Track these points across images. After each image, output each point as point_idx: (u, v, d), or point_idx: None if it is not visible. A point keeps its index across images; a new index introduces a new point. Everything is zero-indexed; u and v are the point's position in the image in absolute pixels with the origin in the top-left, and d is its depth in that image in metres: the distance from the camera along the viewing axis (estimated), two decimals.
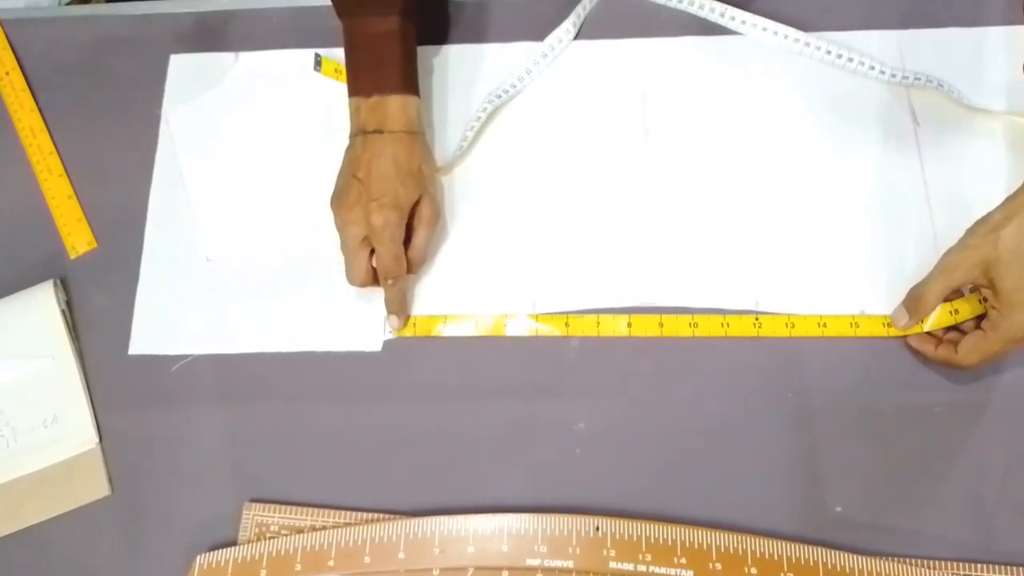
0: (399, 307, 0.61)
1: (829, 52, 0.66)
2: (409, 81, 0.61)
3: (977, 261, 0.54)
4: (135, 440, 0.60)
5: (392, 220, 0.58)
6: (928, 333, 0.58)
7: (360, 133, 0.60)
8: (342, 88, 0.67)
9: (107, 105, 0.70)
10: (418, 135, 0.61)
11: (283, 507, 0.57)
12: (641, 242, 0.63)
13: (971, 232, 0.55)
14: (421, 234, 0.60)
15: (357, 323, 0.62)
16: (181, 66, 0.70)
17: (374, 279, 0.60)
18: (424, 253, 0.61)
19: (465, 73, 0.68)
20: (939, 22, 0.67)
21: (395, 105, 0.60)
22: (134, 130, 0.69)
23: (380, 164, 0.59)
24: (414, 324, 0.62)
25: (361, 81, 0.61)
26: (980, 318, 0.56)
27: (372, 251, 0.60)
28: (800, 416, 0.58)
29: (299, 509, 0.57)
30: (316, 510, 0.57)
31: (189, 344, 0.62)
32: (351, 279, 0.60)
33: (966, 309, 0.57)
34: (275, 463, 0.59)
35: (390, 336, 0.62)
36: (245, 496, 0.58)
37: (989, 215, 0.55)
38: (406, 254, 0.60)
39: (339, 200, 0.60)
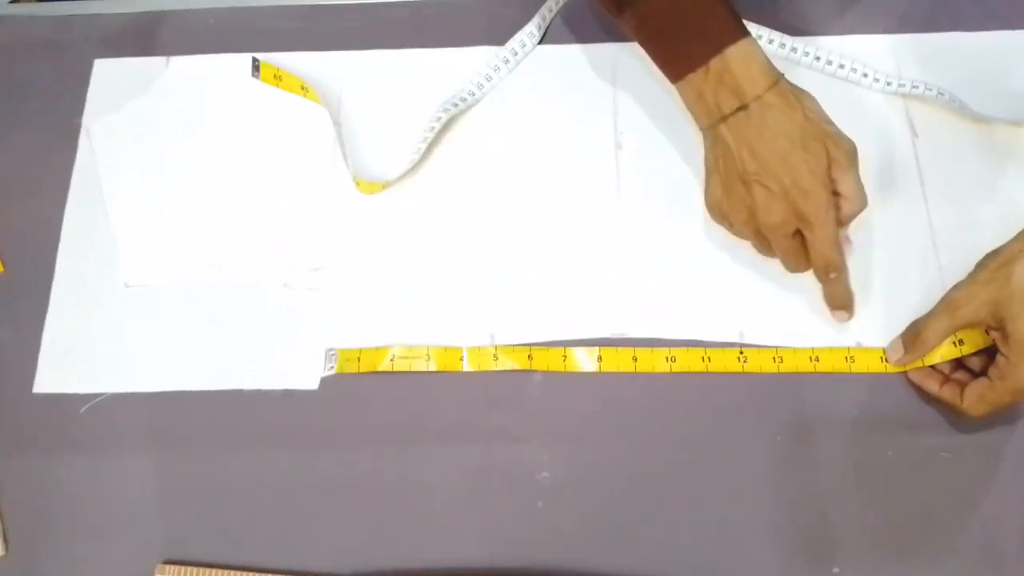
0: (846, 300, 0.54)
1: (819, 58, 0.62)
2: (737, 21, 0.51)
3: (986, 299, 0.49)
4: (35, 492, 0.54)
5: (822, 200, 0.50)
6: (932, 367, 0.53)
7: (720, 121, 0.51)
8: (283, 96, 0.62)
9: (21, 114, 0.64)
10: (779, 81, 0.51)
11: (202, 570, 0.51)
12: (613, 267, 0.58)
13: (981, 266, 0.51)
14: (847, 182, 0.52)
15: (292, 358, 0.56)
16: (106, 72, 0.65)
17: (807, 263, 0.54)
18: (862, 199, 0.52)
19: (418, 80, 0.63)
20: (938, 26, 0.63)
21: (737, 63, 0.50)
22: (50, 142, 0.62)
23: (767, 146, 0.50)
24: (358, 358, 0.55)
25: (688, 54, 0.51)
26: (989, 353, 0.51)
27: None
28: (790, 462, 0.53)
29: (221, 572, 0.51)
30: (238, 574, 0.51)
31: (102, 382, 0.56)
32: (795, 271, 0.54)
33: (972, 340, 0.52)
34: (195, 518, 0.53)
35: (329, 373, 0.55)
36: (159, 557, 0.52)
37: (1001, 248, 0.50)
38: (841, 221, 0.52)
39: (735, 206, 0.53)
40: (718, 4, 0.51)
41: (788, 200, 0.51)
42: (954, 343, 0.52)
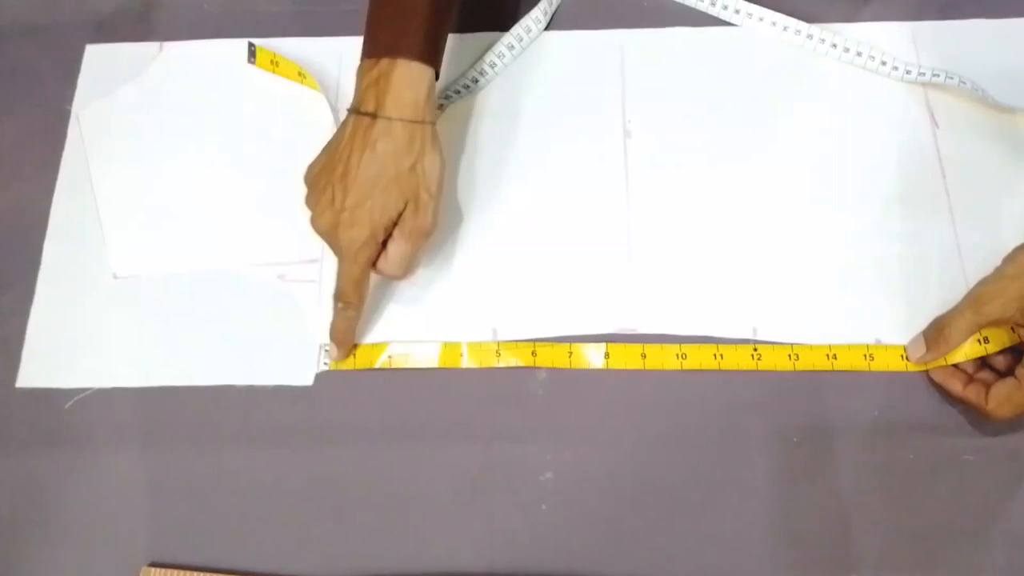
0: (344, 336, 0.52)
1: (835, 46, 0.60)
2: (428, 47, 0.50)
3: (1016, 295, 0.47)
4: (17, 490, 0.51)
5: (360, 239, 0.49)
6: (955, 366, 0.51)
7: (355, 112, 0.50)
8: (279, 83, 0.60)
9: (9, 100, 0.62)
10: (422, 124, 0.50)
11: (188, 574, 0.49)
12: (621, 260, 0.55)
13: (1009, 260, 0.49)
14: (397, 249, 0.50)
15: (286, 353, 0.54)
16: (97, 57, 0.62)
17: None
18: (400, 271, 0.51)
19: None
20: (959, 12, 0.61)
21: (400, 78, 0.49)
22: (39, 128, 0.60)
23: (363, 163, 0.49)
24: (354, 355, 0.53)
25: (373, 39, 0.51)
26: (1015, 352, 0.48)
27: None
28: (806, 464, 0.50)
29: None
30: None
31: (88, 376, 0.53)
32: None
33: (998, 338, 0.50)
34: (182, 519, 0.50)
35: (325, 368, 0.53)
36: (144, 559, 0.49)
37: None
38: (375, 267, 0.51)
39: (313, 185, 0.51)
40: (418, 16, 0.50)
41: (336, 219, 0.49)
42: (979, 341, 0.50)
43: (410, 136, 0.49)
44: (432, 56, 0.51)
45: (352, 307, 0.51)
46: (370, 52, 0.50)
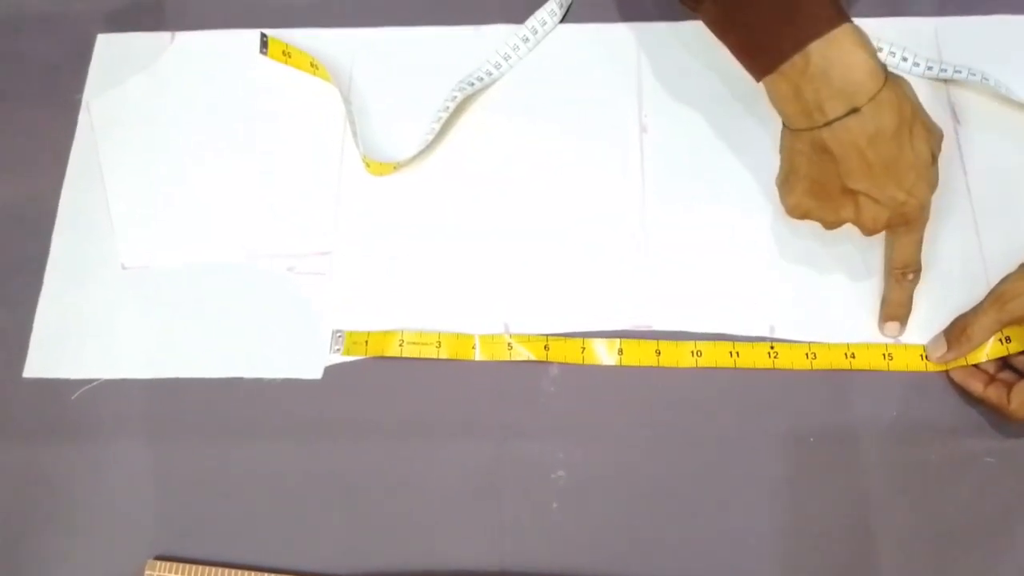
0: (906, 311, 0.51)
1: None
2: (838, 3, 0.43)
3: None
4: (21, 481, 0.51)
5: (927, 203, 0.46)
6: (975, 366, 0.50)
7: (823, 126, 0.43)
8: (291, 73, 0.60)
9: (19, 89, 0.61)
10: (889, 76, 0.43)
11: (194, 567, 0.48)
12: (636, 255, 0.54)
13: None
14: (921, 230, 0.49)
15: (294, 345, 0.53)
16: (108, 47, 0.62)
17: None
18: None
19: (433, 59, 0.60)
20: (983, 8, 0.60)
21: (845, 50, 0.42)
22: (49, 118, 0.60)
23: (881, 154, 0.43)
24: (366, 342, 0.52)
25: (778, 38, 0.43)
26: None
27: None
28: (824, 466, 0.49)
29: (213, 570, 0.48)
30: (233, 571, 0.48)
31: (96, 367, 0.53)
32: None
33: (1021, 338, 0.49)
34: (189, 513, 0.50)
35: (334, 360, 0.52)
36: (149, 552, 0.49)
37: None
38: None
39: (833, 216, 0.47)
40: None
41: (894, 207, 0.46)
42: (1000, 340, 0.49)
43: (893, 91, 0.43)
44: (843, 12, 0.43)
45: (919, 273, 0.50)
46: (783, 55, 0.43)
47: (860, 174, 0.44)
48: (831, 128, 0.43)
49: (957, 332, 0.49)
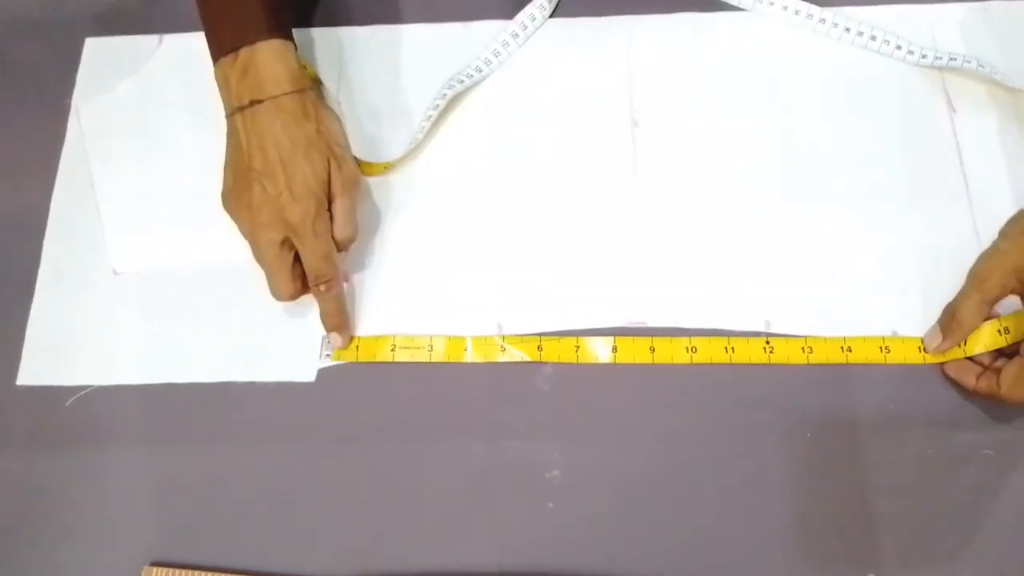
0: (338, 320, 0.52)
1: (849, 30, 0.58)
2: (274, 20, 0.51)
3: (1012, 267, 0.47)
4: (17, 489, 0.51)
5: (311, 210, 0.49)
6: (971, 359, 0.49)
7: (237, 111, 0.50)
8: None
9: (7, 94, 0.61)
10: (303, 91, 0.51)
11: (190, 573, 0.48)
12: (629, 252, 0.54)
13: (1002, 234, 0.48)
14: (340, 207, 0.51)
15: (287, 349, 0.53)
16: (97, 51, 0.61)
17: (305, 287, 0.51)
18: (351, 228, 0.51)
19: (422, 57, 0.59)
20: None
21: (265, 58, 0.50)
22: (38, 123, 0.60)
23: (273, 144, 0.49)
24: (356, 347, 0.52)
25: (220, 38, 0.51)
26: None
27: (296, 254, 0.50)
28: (821, 460, 0.49)
29: (210, 575, 0.48)
30: None
31: (88, 373, 0.53)
32: (278, 294, 0.51)
33: (1019, 328, 0.48)
34: (184, 518, 0.50)
35: (327, 363, 0.52)
36: (145, 559, 0.49)
37: (1019, 213, 0.48)
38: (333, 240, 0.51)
39: (237, 201, 0.50)
40: (255, 2, 0.50)
41: (278, 204, 0.49)
42: (999, 331, 0.48)
43: (301, 105, 0.50)
44: (284, 27, 0.52)
45: (333, 282, 0.50)
46: (223, 49, 0.51)
47: (256, 158, 0.49)
48: (242, 114, 0.50)
49: (947, 319, 0.49)
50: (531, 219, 0.55)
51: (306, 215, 0.49)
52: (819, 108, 0.57)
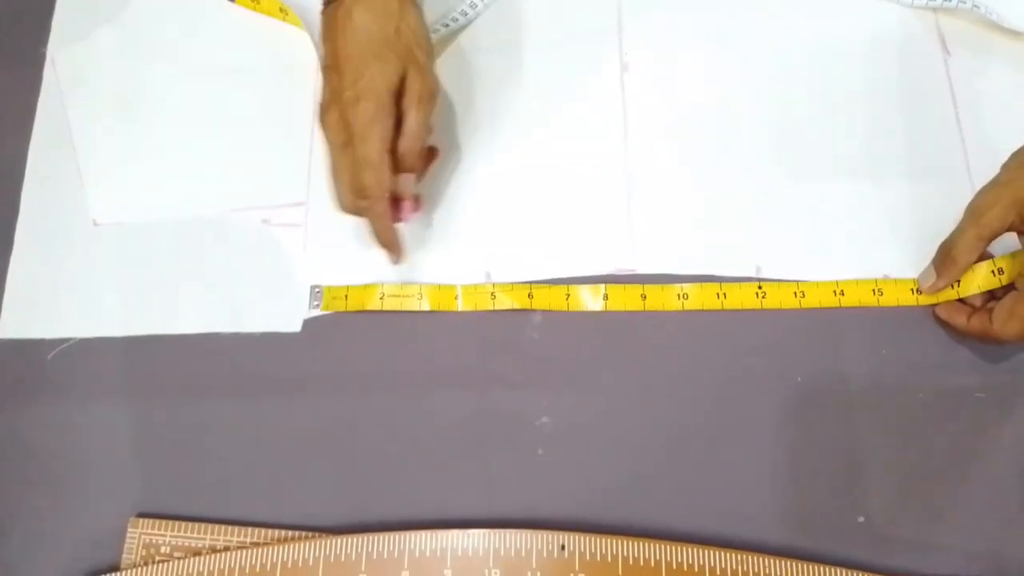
0: (389, 235, 0.48)
1: None
2: None
3: (1011, 200, 0.45)
4: (0, 444, 0.50)
5: (369, 112, 0.45)
6: (962, 301, 0.49)
7: (325, 5, 0.48)
8: (263, 23, 0.58)
9: None
10: (408, 4, 0.47)
11: (177, 523, 0.47)
12: (618, 198, 0.53)
13: (1004, 167, 0.47)
14: (412, 117, 0.46)
15: (273, 299, 0.52)
16: None
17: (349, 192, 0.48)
18: (420, 141, 0.47)
19: None
20: None
21: None
22: (12, 73, 0.58)
23: (347, 40, 0.46)
24: (345, 296, 0.51)
25: None
26: None
27: None
28: (812, 405, 0.49)
29: (196, 526, 0.47)
30: (217, 527, 0.47)
31: (70, 326, 0.52)
32: (338, 202, 0.48)
33: (1013, 269, 0.47)
34: (170, 470, 0.49)
35: (314, 313, 0.51)
36: (131, 510, 0.48)
37: (1023, 148, 0.46)
38: (396, 149, 0.46)
39: (319, 104, 0.48)
40: None
41: (341, 102, 0.46)
42: (993, 272, 0.48)
43: (384, 2, 0.46)
44: None
45: (378, 200, 0.47)
46: None
47: (329, 54, 0.47)
48: (325, 10, 0.48)
49: (942, 256, 0.48)
50: (520, 167, 0.54)
51: (363, 118, 0.45)
52: (810, 51, 0.56)
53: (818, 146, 0.53)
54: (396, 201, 0.48)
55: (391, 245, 0.49)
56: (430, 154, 0.51)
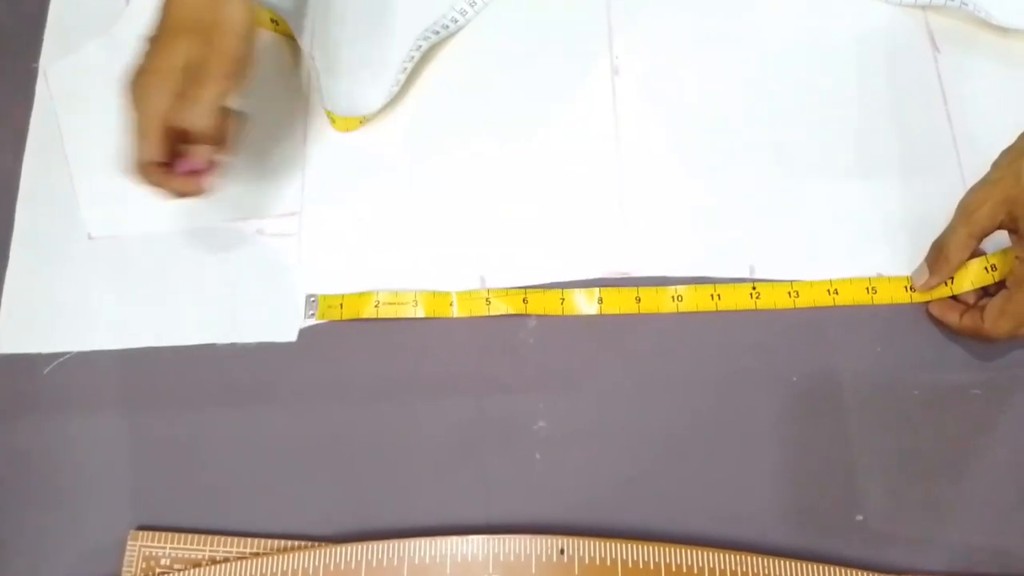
0: (169, 197, 0.48)
1: None
2: None
3: (1001, 198, 0.45)
4: None
5: (147, 84, 0.46)
6: (956, 298, 0.49)
7: None
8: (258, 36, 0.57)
9: None
10: None
11: (176, 535, 0.47)
12: (611, 201, 0.53)
13: (994, 165, 0.47)
14: (199, 93, 0.45)
15: (268, 309, 0.52)
16: (63, 10, 0.60)
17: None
18: (205, 117, 0.46)
19: (397, 8, 0.58)
20: None
21: None
22: (5, 88, 0.58)
23: (165, 15, 0.47)
24: (340, 305, 0.51)
25: None
26: None
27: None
28: (808, 404, 0.49)
29: (196, 537, 0.47)
30: (217, 538, 0.47)
31: (66, 340, 0.52)
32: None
33: (1005, 264, 0.48)
34: (169, 482, 0.49)
35: (309, 323, 0.51)
36: (130, 523, 0.48)
37: (1012, 145, 0.46)
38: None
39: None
40: None
41: (135, 73, 0.47)
42: (986, 269, 0.48)
43: None
44: None
45: (149, 169, 0.47)
46: None
47: (152, 27, 0.47)
48: None
49: (935, 254, 0.48)
50: (512, 171, 0.54)
51: (140, 88, 0.46)
52: (800, 50, 0.56)
53: (809, 146, 0.54)
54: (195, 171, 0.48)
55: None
56: (235, 123, 0.49)
